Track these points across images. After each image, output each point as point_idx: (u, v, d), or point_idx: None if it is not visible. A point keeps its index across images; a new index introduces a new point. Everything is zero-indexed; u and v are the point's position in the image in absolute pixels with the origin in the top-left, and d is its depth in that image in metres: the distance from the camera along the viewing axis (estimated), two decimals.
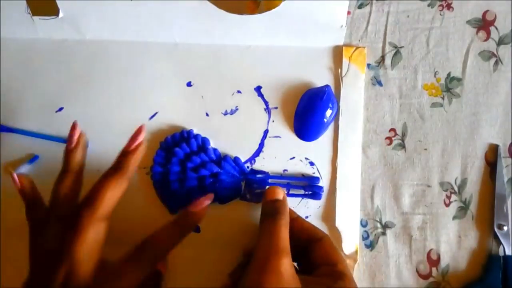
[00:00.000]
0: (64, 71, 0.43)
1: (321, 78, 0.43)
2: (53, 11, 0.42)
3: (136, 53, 0.43)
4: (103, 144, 0.43)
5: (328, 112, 0.42)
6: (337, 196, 0.42)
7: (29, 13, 0.42)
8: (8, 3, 0.42)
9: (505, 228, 0.42)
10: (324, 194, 0.43)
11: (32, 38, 0.43)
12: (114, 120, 0.43)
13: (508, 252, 0.42)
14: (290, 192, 0.42)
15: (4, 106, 0.43)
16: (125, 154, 0.34)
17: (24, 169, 0.42)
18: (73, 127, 0.35)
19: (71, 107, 0.43)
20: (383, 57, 0.43)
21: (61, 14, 0.42)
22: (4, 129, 0.43)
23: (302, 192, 0.42)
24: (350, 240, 0.42)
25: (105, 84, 0.43)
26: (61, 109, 0.43)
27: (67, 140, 0.35)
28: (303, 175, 0.43)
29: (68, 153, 0.35)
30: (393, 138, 0.43)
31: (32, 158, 0.42)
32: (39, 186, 0.41)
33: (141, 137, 0.34)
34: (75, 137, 0.35)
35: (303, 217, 0.42)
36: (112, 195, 0.32)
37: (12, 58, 0.43)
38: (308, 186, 0.42)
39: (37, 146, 0.43)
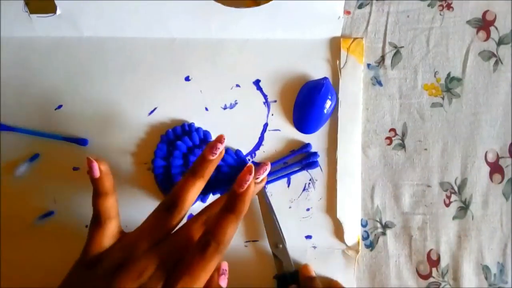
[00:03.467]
0: (63, 69, 0.43)
1: (319, 70, 0.43)
2: (51, 9, 0.42)
3: (134, 49, 0.43)
4: (102, 141, 0.42)
5: (327, 104, 0.42)
6: (338, 187, 0.42)
7: (27, 12, 0.42)
8: (5, 2, 0.42)
9: None
10: (324, 186, 0.43)
11: (30, 37, 0.43)
12: (113, 116, 0.43)
13: None
14: (290, 171, 0.42)
15: (3, 105, 0.43)
16: (205, 160, 0.34)
17: (25, 167, 0.42)
18: None
19: (70, 104, 0.43)
20: (383, 57, 0.43)
21: (58, 12, 0.42)
22: (4, 128, 0.42)
23: (299, 167, 0.42)
24: (352, 232, 0.42)
25: (103, 80, 0.43)
26: (60, 106, 0.43)
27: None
28: (294, 149, 0.43)
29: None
30: (393, 138, 0.43)
31: (33, 156, 0.42)
32: (40, 184, 0.41)
33: (222, 147, 0.34)
34: None
35: (304, 209, 0.43)
36: (194, 197, 0.34)
37: (10, 57, 0.43)
38: (303, 158, 0.42)
39: (37, 144, 0.42)
